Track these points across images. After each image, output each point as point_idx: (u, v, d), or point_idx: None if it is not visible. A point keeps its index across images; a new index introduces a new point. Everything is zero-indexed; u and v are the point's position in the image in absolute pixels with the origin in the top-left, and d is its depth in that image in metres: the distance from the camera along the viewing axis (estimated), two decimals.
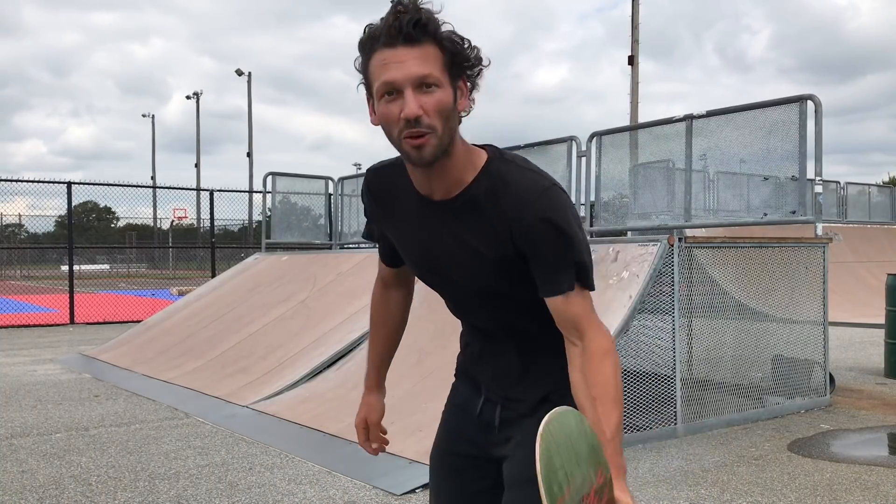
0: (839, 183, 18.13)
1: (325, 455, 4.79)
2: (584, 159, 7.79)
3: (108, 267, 38.83)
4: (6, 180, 14.90)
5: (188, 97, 51.82)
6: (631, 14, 21.87)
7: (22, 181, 15.10)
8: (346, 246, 11.54)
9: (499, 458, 1.75)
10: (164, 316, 10.01)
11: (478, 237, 1.57)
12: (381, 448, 2.04)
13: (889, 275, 7.77)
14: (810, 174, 6.06)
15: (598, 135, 7.70)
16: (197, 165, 50.14)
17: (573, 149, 7.94)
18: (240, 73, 44.60)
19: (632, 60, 21.87)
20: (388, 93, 1.48)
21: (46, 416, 6.02)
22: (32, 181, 15.18)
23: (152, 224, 38.48)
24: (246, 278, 10.03)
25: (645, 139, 7.52)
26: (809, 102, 5.92)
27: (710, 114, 6.69)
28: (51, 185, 15.07)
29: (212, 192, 16.72)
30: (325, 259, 9.33)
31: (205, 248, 22.09)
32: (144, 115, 76.05)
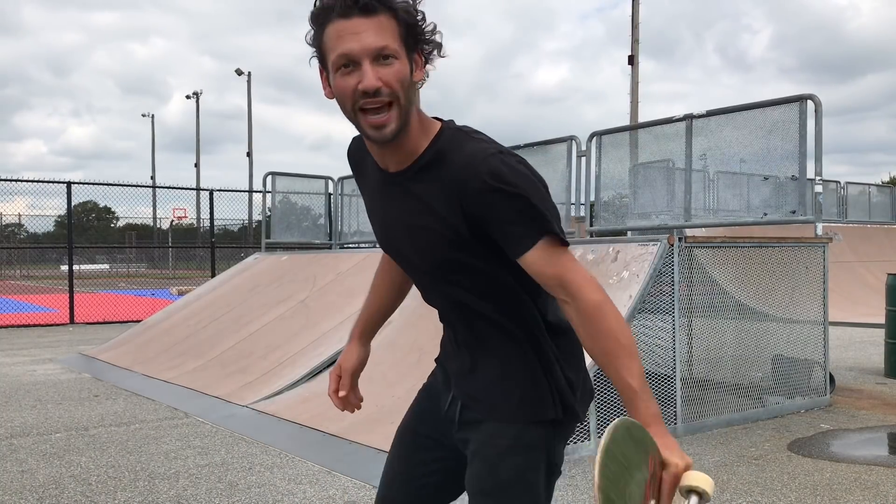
0: (839, 183, 18.12)
1: (325, 455, 4.79)
2: (584, 159, 7.80)
3: (107, 267, 38.84)
4: (6, 180, 14.92)
5: (188, 97, 51.88)
6: (631, 14, 21.89)
7: (22, 181, 15.12)
8: (345, 246, 11.54)
9: (458, 448, 1.73)
10: (163, 316, 10.01)
11: (429, 208, 1.54)
12: (347, 403, 1.94)
13: (889, 275, 7.76)
14: (810, 174, 6.06)
15: (598, 134, 7.70)
16: (197, 165, 50.18)
17: (573, 149, 7.94)
18: (239, 72, 44.62)
19: (632, 60, 21.89)
20: (345, 65, 1.43)
21: (46, 416, 6.02)
22: (32, 181, 15.20)
23: (152, 224, 38.53)
24: (246, 278, 10.03)
25: (645, 139, 7.52)
26: (809, 102, 5.92)
27: (710, 113, 6.69)
28: (51, 184, 15.07)
29: (212, 192, 16.71)
30: (325, 259, 9.33)
31: (205, 247, 22.09)
32: (144, 115, 76.10)
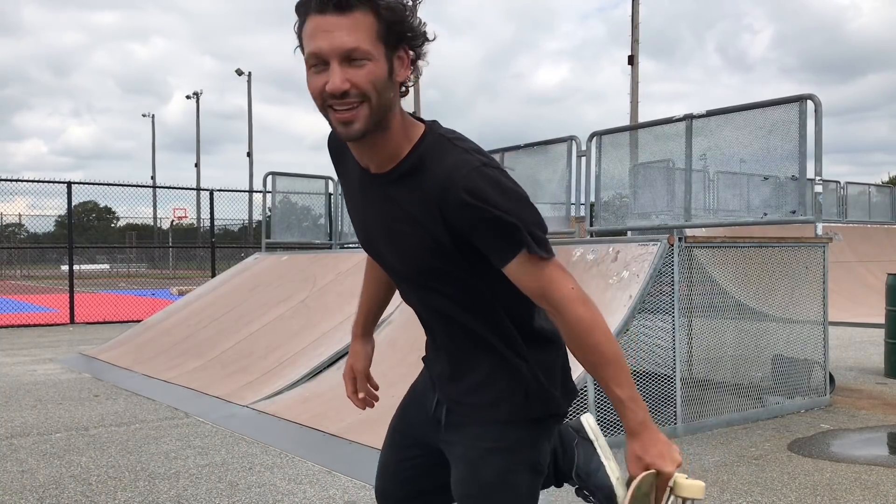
0: (839, 183, 18.13)
1: (325, 455, 4.79)
2: (584, 159, 7.80)
3: (108, 267, 38.83)
4: (6, 180, 14.92)
5: (188, 97, 51.91)
6: (631, 14, 21.89)
7: (22, 181, 15.12)
8: (345, 246, 11.54)
9: (434, 447, 1.74)
10: (163, 316, 10.01)
11: (410, 215, 1.50)
12: (368, 401, 1.96)
13: (889, 275, 7.76)
14: (810, 174, 6.06)
15: (598, 134, 7.71)
16: (197, 165, 50.20)
17: (573, 148, 7.95)
18: (240, 72, 44.64)
19: (632, 60, 21.90)
20: (315, 64, 1.40)
21: (46, 416, 6.02)
22: (32, 181, 15.19)
23: (152, 224, 38.56)
24: (246, 278, 10.03)
25: (645, 139, 7.52)
26: (809, 102, 5.92)
27: (710, 113, 6.69)
28: (51, 184, 15.05)
29: (212, 192, 16.71)
30: (325, 259, 9.33)
31: (205, 247, 22.09)
32: (145, 115, 76.34)
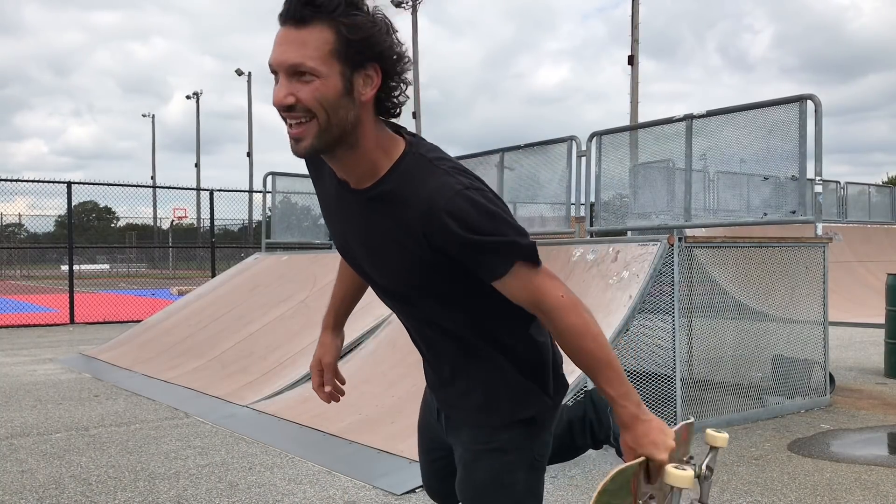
0: (839, 183, 18.12)
1: (325, 455, 4.79)
2: (584, 159, 7.80)
3: (108, 267, 38.84)
4: (6, 180, 14.92)
5: (188, 97, 51.94)
6: (631, 14, 21.90)
7: (22, 181, 15.12)
8: None
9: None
10: (164, 316, 10.01)
11: (390, 235, 1.48)
12: (334, 395, 1.93)
13: (889, 275, 7.76)
14: (810, 174, 6.06)
15: (598, 134, 7.70)
16: (197, 165, 50.24)
17: (573, 149, 7.94)
18: (239, 72, 44.67)
19: (632, 60, 21.91)
20: (272, 73, 1.39)
21: (46, 416, 6.02)
22: (32, 181, 15.19)
23: (152, 224, 38.56)
24: (246, 278, 10.03)
25: (645, 139, 7.52)
26: (809, 102, 5.93)
27: (710, 114, 6.69)
28: (51, 184, 15.06)
29: (212, 192, 16.71)
30: (325, 259, 9.32)
31: (205, 247, 22.09)
32: (145, 115, 76.47)
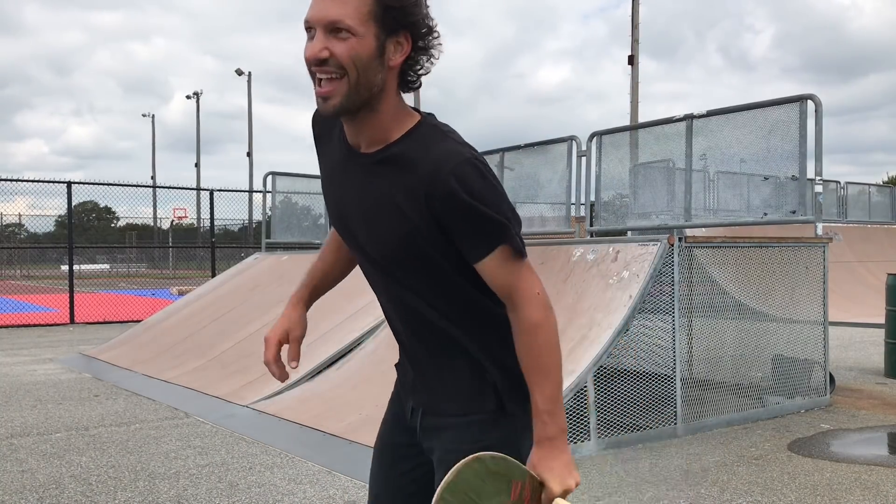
0: (839, 183, 18.12)
1: (325, 455, 4.79)
2: (584, 159, 7.80)
3: (108, 267, 38.84)
4: (6, 180, 14.95)
5: (189, 97, 51.88)
6: (631, 14, 21.89)
7: (22, 181, 15.14)
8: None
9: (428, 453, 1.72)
10: (164, 316, 10.01)
11: (391, 197, 1.50)
12: (286, 373, 1.89)
13: (889, 275, 7.77)
14: (810, 174, 6.06)
15: (599, 134, 7.71)
16: (197, 165, 50.18)
17: (573, 148, 7.94)
18: (239, 72, 44.61)
19: (632, 60, 21.90)
20: (307, 30, 1.44)
21: (46, 416, 6.02)
22: (32, 181, 15.21)
23: (152, 224, 38.54)
24: (246, 278, 10.03)
25: (645, 139, 7.52)
26: (809, 102, 5.93)
27: (711, 113, 6.69)
28: (51, 184, 15.06)
29: (212, 192, 16.71)
30: None
31: (205, 247, 22.08)
32: (145, 115, 76.40)
